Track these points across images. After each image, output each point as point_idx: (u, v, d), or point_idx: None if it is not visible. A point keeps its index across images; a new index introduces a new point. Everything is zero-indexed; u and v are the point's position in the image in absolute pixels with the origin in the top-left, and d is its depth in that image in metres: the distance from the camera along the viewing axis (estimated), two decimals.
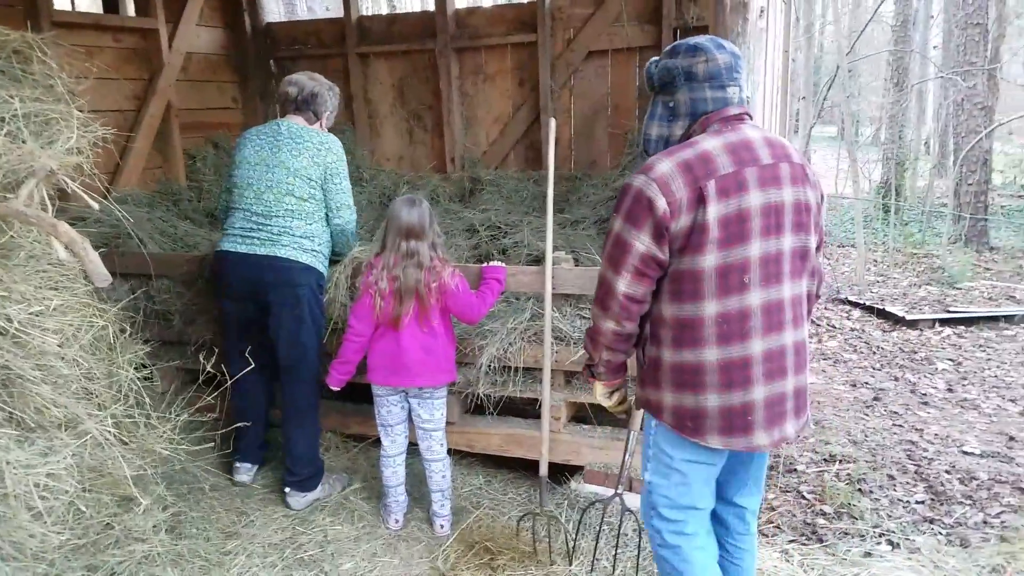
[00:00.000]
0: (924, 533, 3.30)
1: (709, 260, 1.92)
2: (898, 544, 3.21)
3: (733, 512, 2.35)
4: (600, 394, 2.39)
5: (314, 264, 3.33)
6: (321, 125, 3.47)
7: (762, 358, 1.98)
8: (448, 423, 3.38)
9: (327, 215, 3.41)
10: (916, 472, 3.91)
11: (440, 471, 3.27)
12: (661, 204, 1.90)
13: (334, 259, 3.61)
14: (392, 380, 3.12)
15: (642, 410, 2.27)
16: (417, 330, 3.06)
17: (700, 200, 1.89)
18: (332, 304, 3.55)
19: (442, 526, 3.28)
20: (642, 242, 1.95)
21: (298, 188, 3.27)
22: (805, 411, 2.12)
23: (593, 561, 2.95)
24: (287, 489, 3.45)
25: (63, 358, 2.46)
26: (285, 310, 3.29)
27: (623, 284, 2.02)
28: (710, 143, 1.96)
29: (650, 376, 2.12)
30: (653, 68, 2.12)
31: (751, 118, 2.08)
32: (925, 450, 4.16)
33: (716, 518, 2.37)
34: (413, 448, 3.36)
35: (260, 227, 3.30)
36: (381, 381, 3.14)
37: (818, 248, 2.15)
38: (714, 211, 1.89)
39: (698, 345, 1.98)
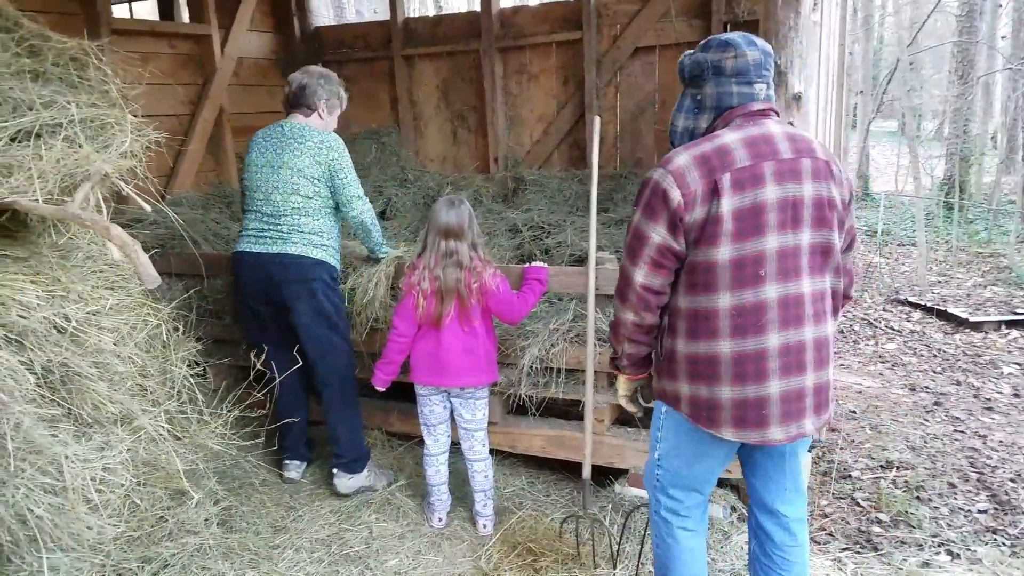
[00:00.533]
0: (986, 543, 3.19)
1: (723, 252, 1.94)
2: (958, 554, 3.10)
3: (777, 523, 2.30)
4: (622, 390, 2.43)
5: (325, 259, 3.39)
6: (321, 116, 3.46)
7: (778, 352, 1.98)
8: (490, 423, 3.39)
9: (338, 210, 3.46)
10: (979, 480, 3.77)
11: (482, 471, 3.28)
12: (676, 196, 1.95)
13: (370, 258, 3.67)
14: (434, 380, 3.15)
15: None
16: (458, 330, 3.09)
17: (715, 192, 1.92)
18: (372, 303, 3.59)
19: (484, 526, 3.30)
20: (658, 233, 2.00)
21: (303, 187, 3.33)
22: (827, 407, 2.11)
23: (638, 566, 2.93)
24: (335, 471, 3.54)
25: (119, 356, 2.54)
26: (302, 305, 3.37)
27: (640, 275, 2.06)
28: (729, 137, 1.98)
29: (666, 367, 2.15)
30: (686, 61, 2.15)
31: (777, 114, 2.09)
32: (989, 457, 4.01)
33: (762, 531, 2.33)
34: (456, 448, 3.38)
35: (271, 227, 3.39)
36: (423, 381, 3.18)
37: (849, 247, 2.15)
38: (728, 204, 1.91)
39: (712, 337, 2.00)
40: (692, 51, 2.15)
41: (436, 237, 3.04)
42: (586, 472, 3.20)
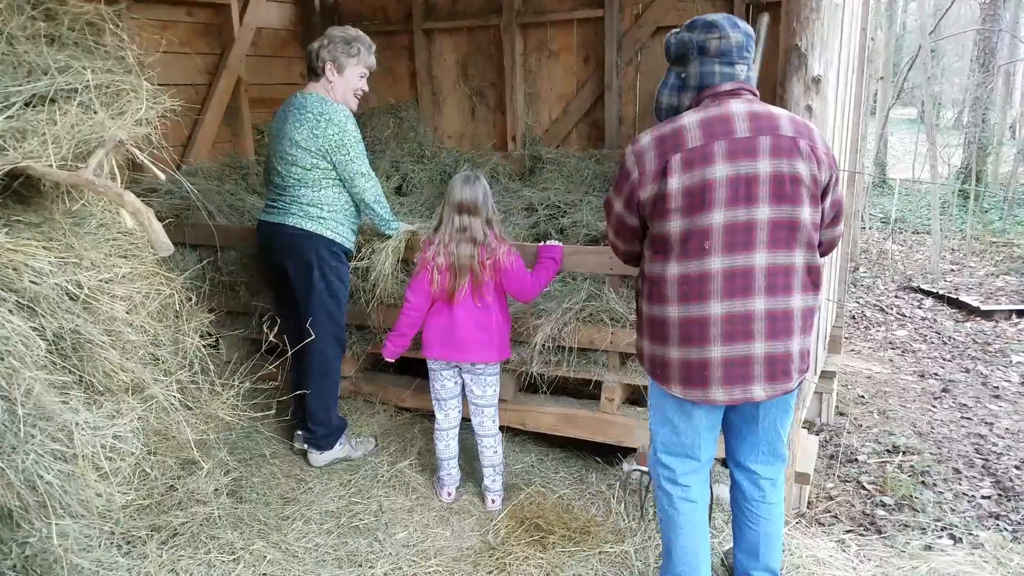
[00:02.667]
0: (988, 529, 3.21)
1: (674, 226, 2.10)
2: (960, 539, 3.13)
3: (746, 476, 2.47)
4: None
5: (318, 231, 3.35)
6: (329, 79, 3.36)
7: (721, 320, 2.12)
8: (502, 400, 3.39)
9: (344, 185, 3.41)
10: (983, 466, 3.79)
11: (492, 447, 3.29)
12: (634, 174, 2.15)
13: (379, 236, 3.64)
14: (446, 355, 3.15)
15: None
16: (472, 305, 3.08)
17: (664, 172, 2.07)
18: (384, 279, 3.59)
19: (493, 501, 3.30)
20: (617, 205, 2.24)
21: (300, 158, 3.29)
22: (785, 377, 2.19)
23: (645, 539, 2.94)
24: (306, 446, 3.59)
25: (131, 324, 2.53)
26: (297, 277, 3.38)
27: (610, 234, 2.38)
28: (688, 118, 2.11)
29: (637, 325, 2.37)
30: (672, 40, 2.24)
31: (753, 93, 2.17)
32: (995, 444, 4.02)
33: (735, 484, 2.52)
34: (467, 424, 3.38)
35: (279, 197, 3.41)
36: (435, 355, 3.17)
37: (834, 221, 2.25)
38: (676, 182, 2.06)
39: (664, 302, 2.18)
40: (678, 30, 2.24)
41: (451, 212, 3.03)
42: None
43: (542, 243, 3.35)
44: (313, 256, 3.35)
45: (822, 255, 2.29)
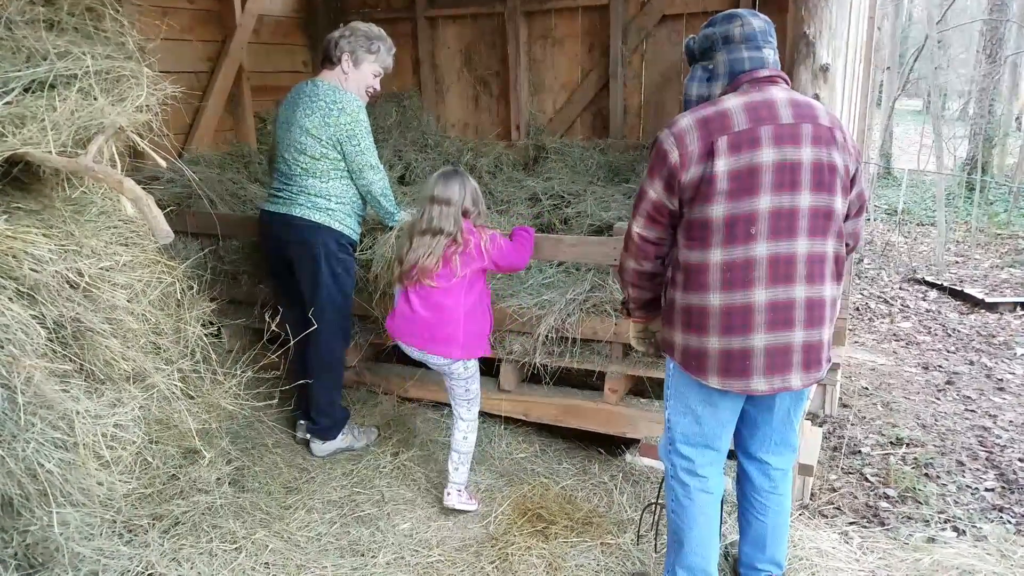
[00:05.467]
0: (992, 521, 3.20)
1: (718, 210, 2.06)
2: (964, 531, 3.12)
3: (757, 467, 2.46)
4: (632, 332, 2.60)
5: (328, 223, 3.32)
6: (344, 70, 3.32)
7: (766, 307, 2.09)
8: (504, 391, 3.37)
9: (351, 176, 3.37)
10: (987, 459, 3.78)
11: (461, 431, 3.15)
12: (674, 155, 2.08)
13: (382, 227, 3.62)
14: (404, 339, 3.08)
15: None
16: (434, 294, 2.98)
17: (710, 154, 2.03)
18: (387, 271, 3.57)
19: (448, 493, 3.15)
20: (655, 190, 2.16)
21: (310, 147, 3.26)
22: (818, 366, 2.19)
23: (655, 536, 2.93)
24: (308, 436, 3.58)
25: (132, 312, 2.51)
26: (304, 268, 3.37)
27: (637, 226, 2.24)
28: (731, 102, 2.08)
29: (667, 316, 2.28)
30: (692, 43, 2.27)
31: (786, 81, 2.18)
32: (998, 437, 4.01)
33: (744, 474, 2.51)
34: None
35: (285, 187, 3.37)
36: (395, 336, 3.12)
37: (859, 212, 2.25)
38: (723, 164, 2.03)
39: (703, 290, 2.12)
40: (694, 36, 2.27)
41: (425, 205, 2.96)
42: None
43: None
44: (321, 249, 3.33)
45: (850, 251, 2.29)
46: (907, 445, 3.92)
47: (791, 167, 2.03)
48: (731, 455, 2.52)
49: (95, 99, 2.28)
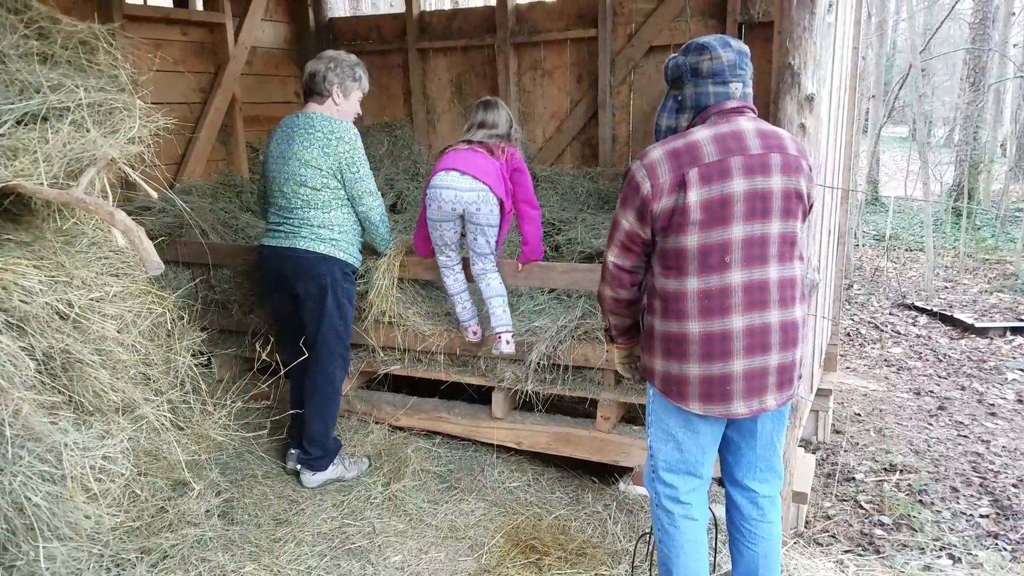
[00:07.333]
0: (987, 548, 3.19)
1: (692, 240, 2.10)
2: (959, 558, 3.10)
3: (744, 496, 2.45)
4: (616, 358, 2.62)
5: (333, 253, 3.34)
6: (335, 101, 3.36)
7: (743, 333, 2.14)
8: (496, 418, 3.36)
9: (351, 203, 3.41)
10: (981, 485, 3.77)
11: (500, 305, 3.44)
12: (646, 186, 2.12)
13: (376, 253, 3.63)
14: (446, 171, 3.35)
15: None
16: (475, 156, 3.34)
17: (682, 185, 2.07)
18: (384, 297, 3.57)
19: (507, 341, 3.41)
20: (628, 220, 2.19)
21: (310, 178, 3.27)
22: (791, 385, 2.26)
23: (651, 565, 2.90)
24: (298, 467, 3.55)
25: (122, 343, 2.51)
26: (309, 300, 3.35)
27: (611, 255, 2.29)
28: (701, 134, 2.12)
29: (647, 343, 2.32)
30: (669, 64, 2.28)
31: (754, 111, 2.21)
32: (992, 462, 4.01)
33: (732, 503, 2.50)
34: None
35: (285, 220, 3.37)
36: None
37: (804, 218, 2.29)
38: (695, 195, 2.07)
39: (682, 317, 2.16)
40: (675, 55, 2.28)
41: (471, 123, 3.43)
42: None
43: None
44: (328, 279, 3.33)
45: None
46: (901, 471, 3.91)
47: (762, 195, 2.09)
48: (721, 483, 2.52)
49: (87, 131, 2.29)
